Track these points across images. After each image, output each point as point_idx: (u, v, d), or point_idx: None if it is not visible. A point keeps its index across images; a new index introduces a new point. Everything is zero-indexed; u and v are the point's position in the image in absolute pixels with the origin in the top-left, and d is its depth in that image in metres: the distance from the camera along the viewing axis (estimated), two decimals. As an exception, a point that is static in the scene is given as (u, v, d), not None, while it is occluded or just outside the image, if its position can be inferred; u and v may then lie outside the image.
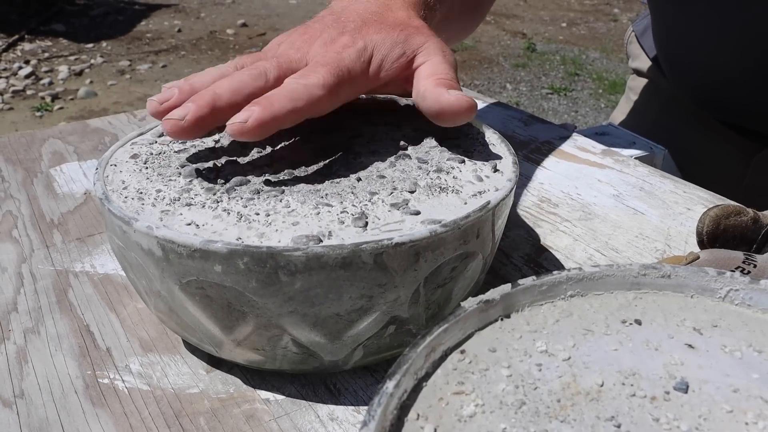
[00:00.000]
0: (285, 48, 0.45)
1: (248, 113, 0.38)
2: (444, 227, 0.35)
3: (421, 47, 0.46)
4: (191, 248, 0.34)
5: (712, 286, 0.32)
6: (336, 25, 0.46)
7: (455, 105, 0.42)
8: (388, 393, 0.25)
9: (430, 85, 0.43)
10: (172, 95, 0.42)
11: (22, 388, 0.41)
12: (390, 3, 0.49)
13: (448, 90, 0.43)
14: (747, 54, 0.73)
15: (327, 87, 0.41)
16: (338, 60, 0.43)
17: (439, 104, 0.42)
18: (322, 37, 0.45)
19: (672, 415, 0.26)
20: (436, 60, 0.45)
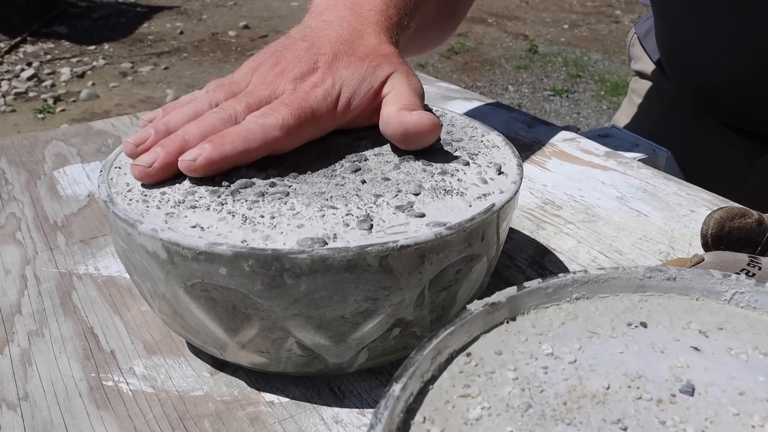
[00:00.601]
0: (256, 83, 0.45)
1: (199, 151, 0.39)
2: (449, 230, 0.35)
3: (387, 77, 0.46)
4: (196, 251, 0.34)
5: (717, 288, 0.32)
6: (308, 57, 0.46)
7: (418, 124, 0.42)
8: (394, 396, 0.25)
9: (393, 111, 0.43)
10: (147, 136, 0.42)
11: (26, 391, 0.41)
12: (361, 28, 0.48)
13: (410, 111, 0.43)
14: (753, 56, 0.73)
15: (285, 128, 0.41)
16: (303, 101, 0.43)
17: (402, 126, 0.43)
18: (293, 72, 0.45)
19: (678, 418, 0.26)
20: (400, 88, 0.46)
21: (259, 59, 0.47)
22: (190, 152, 0.39)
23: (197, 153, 0.39)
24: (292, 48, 0.47)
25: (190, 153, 0.39)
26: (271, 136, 0.41)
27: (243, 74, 0.47)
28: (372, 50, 0.47)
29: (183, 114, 0.44)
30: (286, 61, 0.46)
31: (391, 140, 0.44)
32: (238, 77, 0.47)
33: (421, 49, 0.70)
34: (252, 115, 0.42)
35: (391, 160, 0.43)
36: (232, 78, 0.47)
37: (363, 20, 0.49)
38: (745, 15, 0.71)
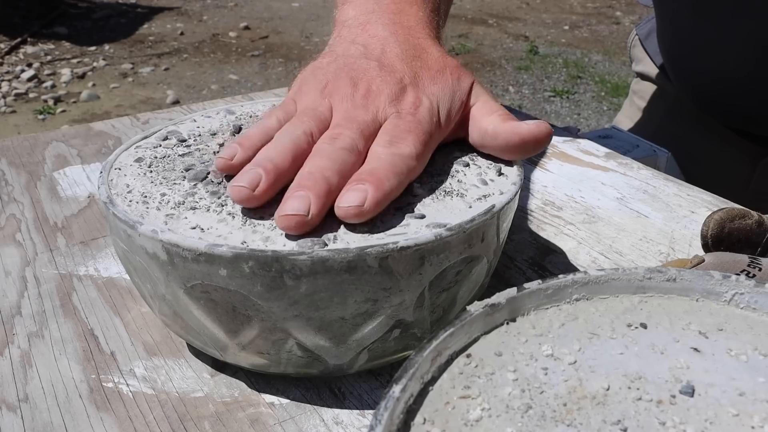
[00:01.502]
0: (346, 107, 0.42)
1: (362, 194, 0.36)
2: (449, 231, 0.35)
3: (470, 88, 0.46)
4: (196, 252, 0.34)
5: (717, 289, 0.32)
6: (389, 77, 0.43)
7: (536, 132, 0.42)
8: (394, 397, 0.25)
9: (498, 122, 0.43)
10: (257, 177, 0.37)
11: (26, 392, 0.41)
12: (418, 42, 0.47)
13: (517, 121, 0.43)
14: (755, 58, 0.73)
15: (419, 157, 0.40)
16: (419, 124, 0.41)
17: (519, 136, 0.42)
18: (385, 93, 0.42)
19: (678, 418, 0.26)
20: (485, 98, 0.45)
21: (324, 79, 0.44)
22: (349, 197, 0.36)
23: (361, 197, 0.36)
24: (361, 68, 0.44)
25: (349, 198, 0.36)
26: (410, 166, 0.39)
27: (314, 98, 0.44)
28: (442, 62, 0.46)
29: (283, 148, 0.39)
30: (367, 82, 0.43)
31: (498, 152, 0.44)
32: (310, 102, 0.44)
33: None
34: (381, 147, 0.39)
35: (391, 161, 0.43)
36: (303, 102, 0.44)
37: (414, 32, 0.47)
38: (747, 17, 0.71)
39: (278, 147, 0.39)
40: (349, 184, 0.37)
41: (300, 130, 0.40)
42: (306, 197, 0.35)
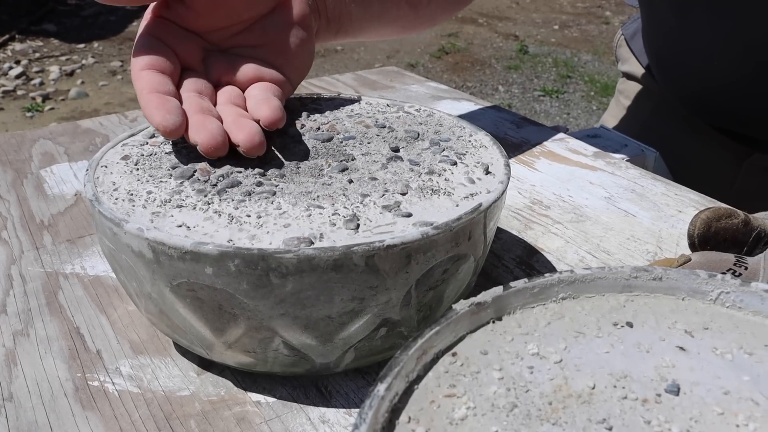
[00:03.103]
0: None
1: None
2: (436, 229, 0.35)
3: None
4: (182, 250, 0.34)
5: (703, 288, 0.32)
6: None
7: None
8: (379, 396, 0.25)
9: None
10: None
11: (11, 391, 0.40)
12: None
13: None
14: (740, 59, 0.73)
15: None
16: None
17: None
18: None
19: (663, 417, 0.26)
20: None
21: None
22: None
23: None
24: None
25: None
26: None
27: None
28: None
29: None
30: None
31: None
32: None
33: (429, 19, 0.68)
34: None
35: (378, 159, 0.43)
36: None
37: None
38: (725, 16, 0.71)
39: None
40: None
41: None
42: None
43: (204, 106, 0.44)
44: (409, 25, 0.65)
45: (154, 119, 0.41)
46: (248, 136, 0.41)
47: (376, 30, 0.62)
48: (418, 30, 0.68)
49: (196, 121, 0.42)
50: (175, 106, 0.42)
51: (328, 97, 0.54)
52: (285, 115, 0.45)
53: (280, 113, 0.44)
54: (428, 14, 0.65)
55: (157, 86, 0.43)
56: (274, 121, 0.43)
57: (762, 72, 0.72)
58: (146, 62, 0.44)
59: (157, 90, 0.43)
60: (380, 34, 0.64)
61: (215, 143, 0.41)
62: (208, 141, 0.41)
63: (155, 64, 0.44)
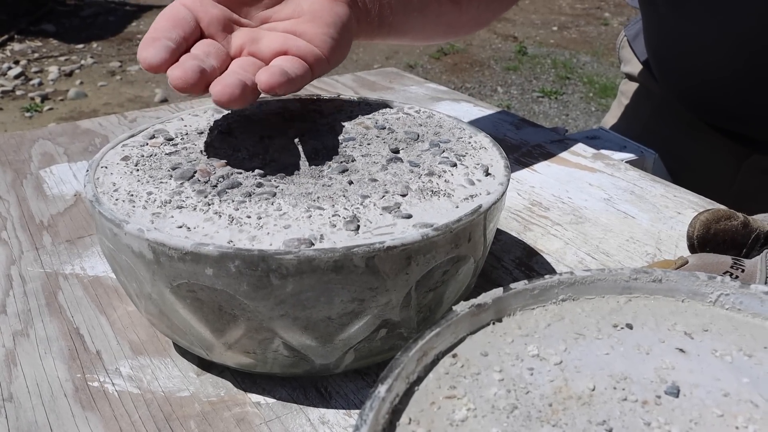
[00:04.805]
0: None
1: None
2: (436, 231, 0.35)
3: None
4: (182, 251, 0.34)
5: (702, 290, 0.32)
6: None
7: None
8: (380, 397, 0.25)
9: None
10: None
11: (10, 392, 0.40)
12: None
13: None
14: (737, 56, 0.73)
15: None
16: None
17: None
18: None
19: (663, 419, 0.26)
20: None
21: None
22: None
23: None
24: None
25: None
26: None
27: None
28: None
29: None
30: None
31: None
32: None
33: (474, 18, 0.67)
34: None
35: (378, 161, 0.43)
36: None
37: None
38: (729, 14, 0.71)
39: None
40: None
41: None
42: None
43: (197, 56, 0.43)
44: (454, 23, 0.64)
45: (139, 53, 0.41)
46: (222, 87, 0.40)
47: (420, 28, 0.61)
48: (465, 31, 0.67)
49: (179, 61, 0.41)
50: (165, 45, 0.41)
51: (327, 98, 0.54)
52: (288, 82, 0.42)
53: (280, 79, 0.41)
54: (473, 12, 0.65)
55: (162, 31, 0.43)
56: (271, 85, 0.41)
57: (756, 65, 0.72)
58: (163, 17, 0.44)
59: (161, 33, 0.42)
60: (427, 33, 0.63)
61: (184, 78, 0.40)
62: (179, 75, 0.40)
63: (172, 19, 0.44)
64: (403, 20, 0.57)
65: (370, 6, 0.53)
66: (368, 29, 0.55)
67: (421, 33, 0.62)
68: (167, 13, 0.44)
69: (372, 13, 0.54)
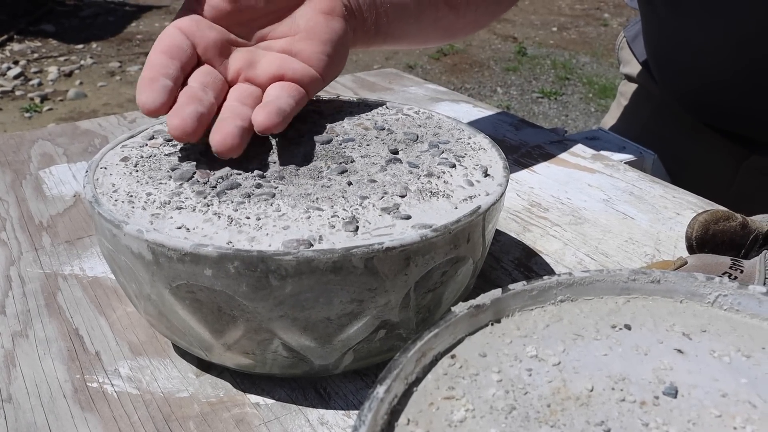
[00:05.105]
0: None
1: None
2: (434, 232, 0.36)
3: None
4: (181, 252, 0.34)
5: (701, 291, 0.32)
6: None
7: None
8: (378, 398, 0.25)
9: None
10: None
11: (9, 392, 0.40)
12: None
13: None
14: (736, 57, 0.73)
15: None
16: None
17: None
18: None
19: (661, 420, 0.26)
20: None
21: None
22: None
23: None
24: None
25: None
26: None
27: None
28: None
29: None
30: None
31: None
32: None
33: (472, 21, 0.67)
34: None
35: (377, 162, 0.43)
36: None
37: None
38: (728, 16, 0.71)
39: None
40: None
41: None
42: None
43: (195, 95, 0.43)
44: (451, 27, 0.64)
45: (137, 96, 0.41)
46: (222, 137, 0.40)
47: (417, 33, 0.61)
48: (463, 33, 0.67)
49: (177, 105, 0.42)
50: (163, 86, 0.42)
51: (327, 99, 0.54)
52: (284, 120, 0.43)
53: (276, 119, 0.42)
54: (470, 16, 0.64)
55: (159, 68, 0.43)
56: (267, 127, 0.42)
57: (755, 68, 0.72)
58: (159, 48, 0.44)
59: (158, 71, 0.43)
60: (424, 38, 0.63)
61: (183, 128, 0.40)
62: (177, 124, 0.40)
63: (168, 51, 0.44)
64: (399, 27, 0.58)
65: (367, 15, 0.54)
66: (365, 38, 0.55)
67: (417, 38, 0.62)
68: (163, 42, 0.45)
69: (368, 22, 0.54)
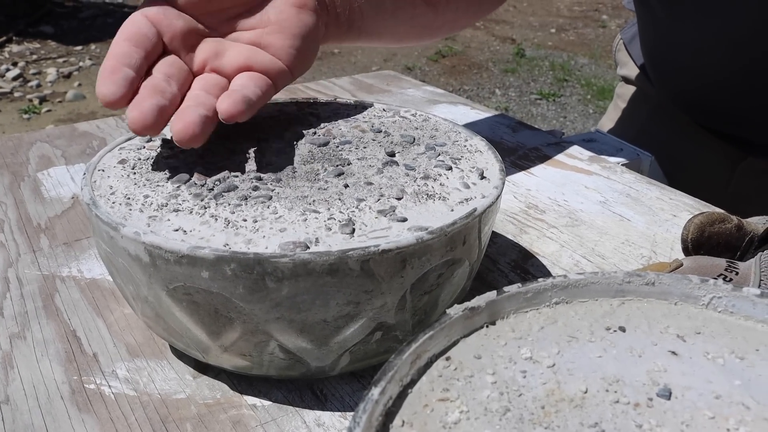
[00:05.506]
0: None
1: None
2: (430, 234, 0.36)
3: None
4: (178, 254, 0.34)
5: (695, 293, 0.32)
6: None
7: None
8: (373, 400, 0.25)
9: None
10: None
11: (7, 394, 0.40)
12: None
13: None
14: (731, 58, 0.74)
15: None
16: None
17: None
18: None
19: (655, 421, 0.26)
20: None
21: None
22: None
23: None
24: None
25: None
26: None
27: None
28: None
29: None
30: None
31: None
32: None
33: (451, 21, 0.66)
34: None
35: (374, 164, 0.43)
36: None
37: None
38: (724, 17, 0.72)
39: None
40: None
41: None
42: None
43: (157, 86, 0.42)
44: (429, 26, 0.63)
45: (97, 87, 0.40)
46: (183, 126, 0.39)
47: (393, 31, 0.60)
48: (440, 33, 0.66)
49: (138, 98, 0.40)
50: (124, 77, 0.41)
51: (324, 101, 0.54)
52: (249, 108, 0.42)
53: (241, 107, 0.41)
54: (449, 15, 0.64)
55: (121, 57, 0.42)
56: (231, 114, 0.41)
57: (750, 69, 0.73)
58: (123, 35, 0.43)
59: (120, 61, 0.41)
60: (399, 36, 0.62)
61: (143, 122, 0.39)
62: (136, 117, 0.39)
63: (132, 38, 0.43)
64: (374, 23, 0.57)
65: (340, 10, 0.52)
66: (337, 33, 0.54)
67: (393, 35, 0.61)
68: (128, 29, 0.43)
69: (341, 17, 0.53)
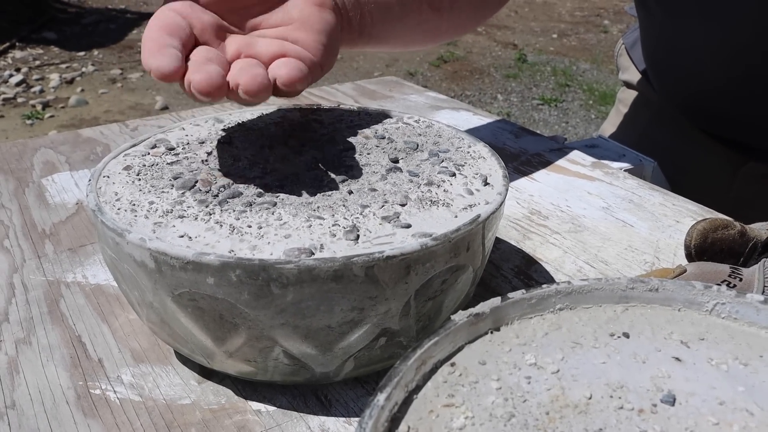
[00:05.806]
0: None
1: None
2: (434, 240, 0.36)
3: None
4: (184, 260, 0.34)
5: (699, 299, 0.32)
6: None
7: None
8: (379, 405, 0.26)
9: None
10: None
11: (13, 399, 0.41)
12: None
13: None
14: (731, 63, 0.74)
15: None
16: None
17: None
18: None
19: (659, 427, 0.26)
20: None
21: None
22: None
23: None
24: None
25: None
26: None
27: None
28: None
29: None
30: None
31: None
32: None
33: (456, 25, 0.66)
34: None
35: (378, 171, 0.44)
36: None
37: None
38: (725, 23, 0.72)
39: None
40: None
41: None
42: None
43: (209, 56, 0.41)
44: (435, 30, 0.63)
45: (147, 62, 0.39)
46: (251, 77, 0.39)
47: (401, 35, 0.61)
48: (447, 37, 0.66)
49: (195, 63, 0.40)
50: (173, 53, 0.40)
51: (327, 108, 0.54)
52: (304, 79, 0.41)
53: (300, 74, 0.40)
54: (454, 20, 0.64)
55: (162, 38, 0.41)
56: (292, 80, 0.40)
57: (751, 74, 0.73)
58: (157, 25, 0.42)
59: (162, 40, 0.41)
60: (407, 41, 0.63)
61: (210, 82, 0.38)
62: (203, 78, 0.38)
63: (166, 28, 0.42)
64: (383, 29, 0.57)
65: (352, 15, 0.53)
66: (349, 38, 0.54)
67: (401, 40, 0.62)
68: (160, 20, 0.42)
69: (353, 22, 0.53)
